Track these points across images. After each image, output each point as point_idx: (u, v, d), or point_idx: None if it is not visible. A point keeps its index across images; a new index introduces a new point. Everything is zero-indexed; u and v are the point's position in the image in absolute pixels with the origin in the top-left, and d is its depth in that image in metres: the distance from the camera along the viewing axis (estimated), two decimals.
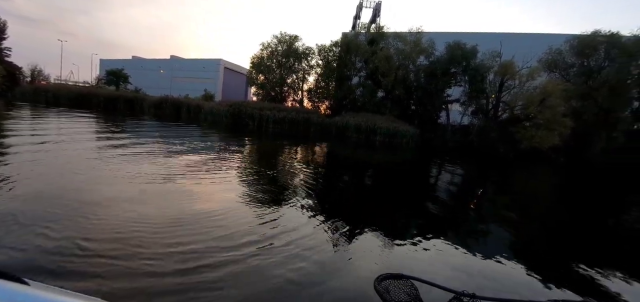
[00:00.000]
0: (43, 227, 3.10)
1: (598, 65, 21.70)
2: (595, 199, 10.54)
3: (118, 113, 22.65)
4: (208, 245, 3.17)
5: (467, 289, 1.20)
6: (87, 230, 3.21)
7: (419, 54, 24.16)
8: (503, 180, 12.76)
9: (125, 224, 3.40)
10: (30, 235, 2.95)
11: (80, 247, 2.82)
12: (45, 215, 3.41)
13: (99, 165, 6.15)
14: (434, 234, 4.36)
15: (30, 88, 30.46)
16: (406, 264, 3.46)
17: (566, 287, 3.29)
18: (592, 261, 4.24)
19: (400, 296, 1.15)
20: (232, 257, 2.98)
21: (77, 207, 3.77)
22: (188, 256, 2.90)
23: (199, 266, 2.76)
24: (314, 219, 4.43)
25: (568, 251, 4.62)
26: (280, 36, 28.64)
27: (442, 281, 1.23)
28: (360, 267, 3.23)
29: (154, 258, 2.79)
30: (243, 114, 23.21)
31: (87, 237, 3.04)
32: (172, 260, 2.80)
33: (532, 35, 29.80)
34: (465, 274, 3.34)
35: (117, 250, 2.85)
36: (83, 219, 3.45)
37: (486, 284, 3.17)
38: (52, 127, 12.36)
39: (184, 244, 3.12)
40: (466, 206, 7.37)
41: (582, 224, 6.67)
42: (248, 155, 10.88)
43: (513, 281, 3.31)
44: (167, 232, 3.35)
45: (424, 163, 14.32)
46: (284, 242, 3.47)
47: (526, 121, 20.31)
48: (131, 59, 54.28)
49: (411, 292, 1.19)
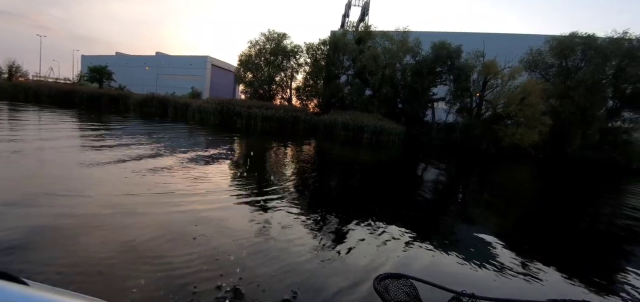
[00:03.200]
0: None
1: (575, 65, 22.63)
2: (579, 193, 11.06)
3: (102, 111, 22.16)
4: (199, 247, 3.11)
5: (466, 288, 1.19)
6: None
7: (406, 53, 24.61)
8: (491, 177, 13.19)
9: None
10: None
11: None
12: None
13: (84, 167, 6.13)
14: (433, 233, 4.35)
15: (9, 85, 29.39)
16: (405, 263, 3.43)
17: (565, 287, 3.34)
18: (588, 258, 4.47)
19: (399, 295, 1.13)
20: (223, 258, 2.95)
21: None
22: (175, 257, 2.87)
23: (188, 266, 2.72)
24: (308, 218, 4.43)
25: (565, 248, 4.74)
26: (269, 34, 28.62)
27: (441, 280, 1.26)
28: (359, 267, 3.20)
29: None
30: (231, 112, 23.14)
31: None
32: (167, 261, 2.77)
33: (513, 36, 30.78)
34: (465, 273, 3.33)
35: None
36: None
37: (485, 283, 3.17)
38: (52, 126, 12.07)
39: (173, 247, 3.08)
40: (460, 203, 7.58)
41: (573, 219, 6.95)
42: (236, 154, 10.92)
43: (512, 280, 3.32)
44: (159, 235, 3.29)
45: (410, 160, 14.66)
46: (278, 242, 3.46)
47: (508, 119, 21.05)
48: (115, 55, 53.00)
49: (410, 291, 1.18)
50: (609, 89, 22.48)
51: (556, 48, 22.63)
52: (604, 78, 21.89)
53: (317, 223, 4.30)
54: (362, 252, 3.54)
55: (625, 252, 5.17)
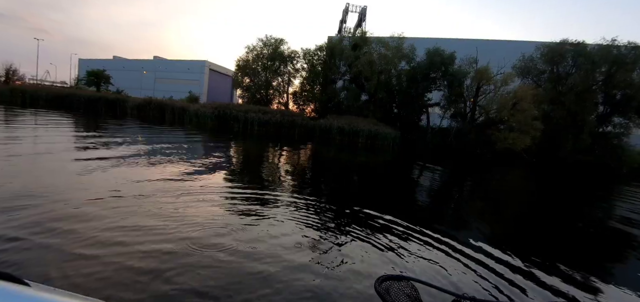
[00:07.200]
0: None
1: (566, 71, 23.11)
2: (573, 197, 11.35)
3: (100, 115, 22.30)
4: (199, 254, 3.12)
5: (467, 291, 1.18)
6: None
7: (401, 59, 25.00)
8: (486, 181, 13.43)
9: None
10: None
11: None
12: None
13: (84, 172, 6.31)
14: (432, 235, 4.42)
15: (7, 88, 29.41)
16: (405, 265, 3.46)
17: (564, 289, 3.39)
18: (585, 260, 4.64)
19: (400, 297, 1.13)
20: (222, 263, 2.99)
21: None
22: (177, 264, 2.89)
23: (190, 275, 2.75)
24: (307, 220, 4.49)
25: (562, 250, 4.86)
26: (266, 39, 28.95)
27: (442, 282, 1.28)
28: (359, 268, 3.24)
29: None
30: (228, 116, 23.37)
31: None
32: (165, 266, 2.82)
33: (506, 43, 31.40)
34: (465, 276, 3.35)
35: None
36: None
37: (485, 286, 3.18)
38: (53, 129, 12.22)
39: (174, 254, 3.09)
40: (456, 207, 7.73)
41: (568, 222, 7.16)
42: (233, 158, 11.14)
43: (511, 283, 3.33)
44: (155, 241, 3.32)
45: (405, 164, 14.92)
46: (278, 246, 3.50)
47: (500, 124, 21.46)
48: (112, 59, 53.07)
49: (412, 293, 1.17)
50: (599, 95, 22.96)
51: (547, 54, 23.12)
52: (594, 84, 22.36)
53: (315, 226, 4.35)
54: (363, 254, 3.58)
55: (618, 254, 5.40)
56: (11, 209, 3.71)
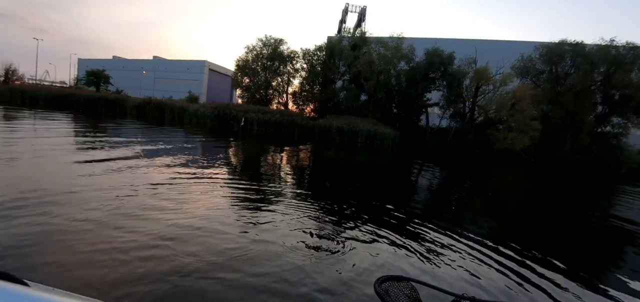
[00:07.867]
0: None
1: (564, 71, 23.15)
2: (572, 196, 11.41)
3: (99, 115, 22.32)
4: (196, 256, 3.10)
5: (466, 292, 1.18)
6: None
7: (400, 59, 25.03)
8: (486, 181, 13.47)
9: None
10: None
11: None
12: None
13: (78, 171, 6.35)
14: (433, 235, 4.44)
15: (6, 88, 29.40)
16: (405, 265, 3.46)
17: (564, 288, 3.39)
18: (585, 260, 4.67)
19: (400, 298, 1.13)
20: (221, 265, 2.99)
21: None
22: (176, 265, 2.88)
23: (189, 276, 2.75)
24: (306, 222, 4.46)
25: (561, 250, 4.88)
26: (266, 39, 28.97)
27: (441, 283, 1.28)
28: (359, 269, 3.24)
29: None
30: (228, 116, 23.40)
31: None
32: (164, 267, 2.83)
33: (505, 43, 31.46)
34: (465, 276, 3.34)
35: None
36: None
37: (486, 286, 3.18)
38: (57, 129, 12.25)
39: (176, 254, 3.08)
40: (456, 206, 7.76)
41: (568, 221, 7.21)
42: (232, 158, 11.17)
43: (511, 283, 3.34)
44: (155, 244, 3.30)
45: (404, 164, 14.96)
46: (278, 246, 3.51)
47: (499, 124, 21.51)
48: (112, 59, 53.04)
49: (411, 294, 1.17)
50: (598, 95, 23.00)
51: (546, 55, 23.15)
52: (592, 84, 22.40)
53: (315, 226, 4.35)
54: (362, 254, 3.58)
55: (617, 253, 5.44)
56: (11, 209, 3.73)
